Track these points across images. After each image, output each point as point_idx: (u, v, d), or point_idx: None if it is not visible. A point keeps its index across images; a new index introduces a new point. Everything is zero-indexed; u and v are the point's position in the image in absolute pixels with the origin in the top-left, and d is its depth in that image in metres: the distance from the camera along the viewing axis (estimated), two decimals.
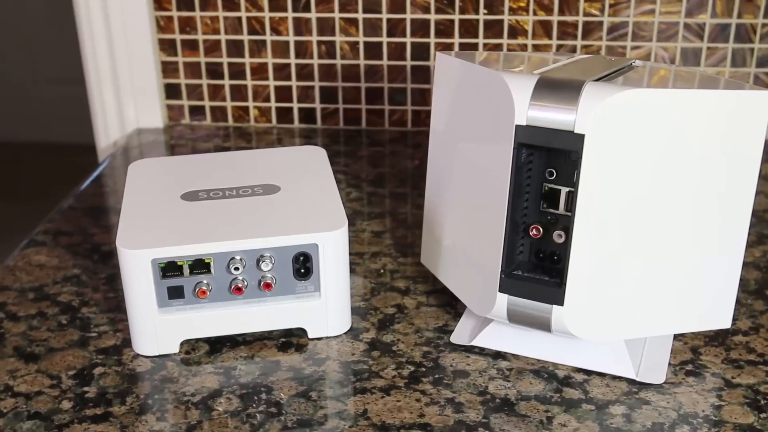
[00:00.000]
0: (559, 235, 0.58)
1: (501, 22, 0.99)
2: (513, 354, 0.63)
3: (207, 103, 1.09)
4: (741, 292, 0.70)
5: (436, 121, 0.67)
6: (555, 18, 0.98)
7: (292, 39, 1.04)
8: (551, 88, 0.55)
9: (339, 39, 1.03)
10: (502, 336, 0.63)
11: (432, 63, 1.02)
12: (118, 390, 0.60)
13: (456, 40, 1.01)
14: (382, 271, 0.75)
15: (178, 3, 1.03)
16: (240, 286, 0.62)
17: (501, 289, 0.59)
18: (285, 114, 1.08)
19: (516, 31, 1.00)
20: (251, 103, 1.08)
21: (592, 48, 0.99)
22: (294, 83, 1.06)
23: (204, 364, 0.62)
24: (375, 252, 0.78)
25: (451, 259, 0.65)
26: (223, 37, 1.05)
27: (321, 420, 0.56)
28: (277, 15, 1.03)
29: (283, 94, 1.07)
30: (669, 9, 0.96)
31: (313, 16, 1.02)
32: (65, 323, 0.68)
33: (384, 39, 1.03)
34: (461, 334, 0.65)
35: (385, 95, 1.06)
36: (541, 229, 0.59)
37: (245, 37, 1.04)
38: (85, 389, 0.60)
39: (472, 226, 0.62)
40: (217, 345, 0.65)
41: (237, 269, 0.61)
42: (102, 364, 0.63)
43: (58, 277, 0.75)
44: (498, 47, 1.01)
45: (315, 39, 1.04)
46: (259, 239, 0.61)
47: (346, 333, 0.66)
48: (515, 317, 0.59)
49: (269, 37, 1.04)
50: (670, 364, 0.61)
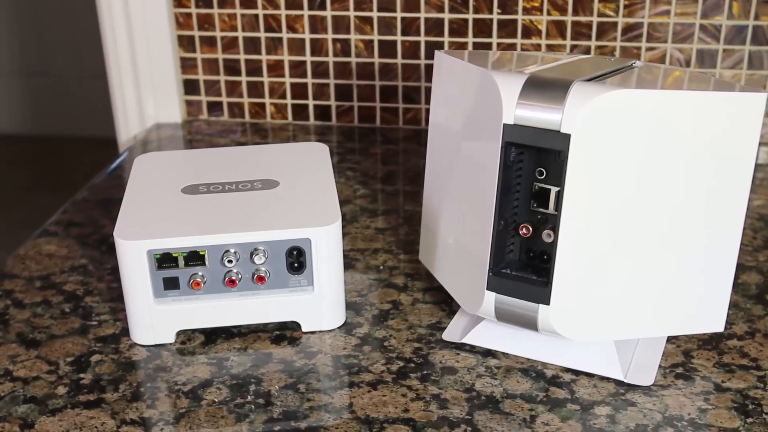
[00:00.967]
0: (548, 235, 0.58)
1: (515, 21, 0.99)
2: (503, 352, 0.63)
3: (224, 99, 1.10)
4: (740, 296, 0.70)
5: (433, 119, 0.67)
6: (569, 18, 0.98)
7: (307, 37, 1.05)
8: (539, 87, 0.55)
9: (354, 37, 1.04)
10: (492, 334, 0.63)
11: None
12: (112, 377, 0.61)
13: (470, 39, 1.01)
14: (381, 268, 0.75)
15: (196, 0, 1.05)
16: (234, 278, 0.63)
17: (489, 287, 0.59)
18: (301, 111, 1.09)
19: (530, 31, 0.99)
20: (267, 100, 1.10)
21: (606, 49, 0.98)
22: (309, 80, 1.07)
23: (198, 354, 0.64)
24: (376, 248, 0.78)
25: (445, 257, 0.66)
26: (241, 34, 1.06)
27: (306, 412, 0.57)
28: (293, 13, 1.04)
29: (299, 91, 1.08)
30: (684, 10, 0.95)
31: (329, 14, 1.03)
32: (68, 311, 0.69)
33: (398, 38, 1.03)
34: (453, 331, 0.66)
35: (399, 93, 1.06)
36: (531, 229, 0.59)
37: (262, 35, 1.06)
38: (81, 376, 0.61)
39: (463, 223, 0.62)
40: (213, 336, 0.66)
41: (231, 262, 0.62)
42: (99, 351, 0.64)
43: (65, 267, 0.76)
44: (512, 47, 1.00)
45: (330, 37, 1.04)
46: (252, 233, 0.62)
47: (339, 327, 0.66)
48: (503, 315, 0.60)
49: (285, 35, 1.05)
50: (660, 366, 0.61)
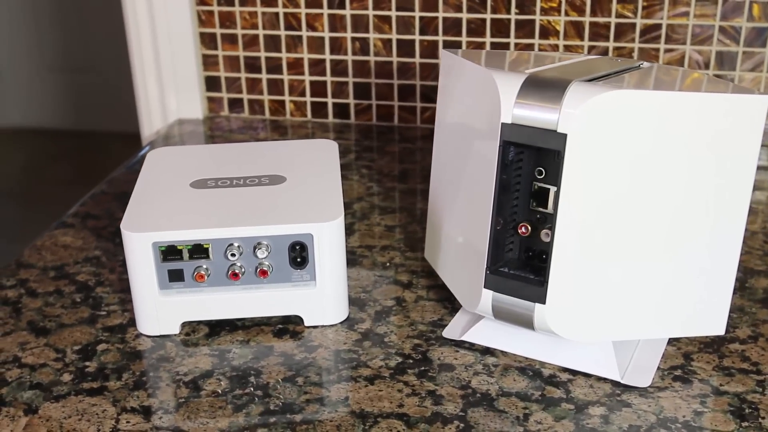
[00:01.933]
0: (547, 234, 0.59)
1: (533, 22, 0.99)
2: (502, 351, 0.63)
3: (245, 96, 1.12)
4: (747, 300, 0.69)
5: (439, 117, 0.68)
6: (587, 19, 0.98)
7: (327, 35, 1.06)
8: (537, 87, 0.55)
9: (372, 36, 1.05)
10: (492, 333, 0.64)
11: None
12: (116, 366, 0.63)
13: (487, 39, 1.01)
14: (388, 265, 0.76)
15: None
16: (237, 272, 0.64)
17: (486, 285, 0.60)
18: (320, 109, 1.10)
19: (547, 32, 0.99)
20: (287, 97, 1.11)
21: (624, 50, 0.98)
22: (329, 78, 1.08)
23: (201, 345, 0.65)
24: (385, 245, 0.79)
25: (447, 254, 0.66)
26: (261, 32, 1.07)
27: (302, 405, 0.58)
28: (313, 11, 1.05)
29: (318, 88, 1.09)
30: (704, 12, 0.95)
31: (348, 13, 1.04)
32: (79, 301, 0.71)
33: (417, 37, 1.04)
34: (454, 328, 0.66)
35: (417, 92, 1.07)
36: (530, 228, 0.59)
37: (282, 33, 1.07)
38: (86, 364, 0.63)
39: (465, 222, 0.63)
40: (217, 328, 0.67)
41: (234, 255, 0.63)
42: (106, 341, 0.66)
43: (79, 258, 0.78)
44: (529, 47, 1.00)
45: (349, 35, 1.05)
46: (255, 227, 0.63)
47: (342, 323, 0.67)
48: (500, 314, 0.60)
49: (305, 33, 1.06)
50: (659, 368, 0.61)
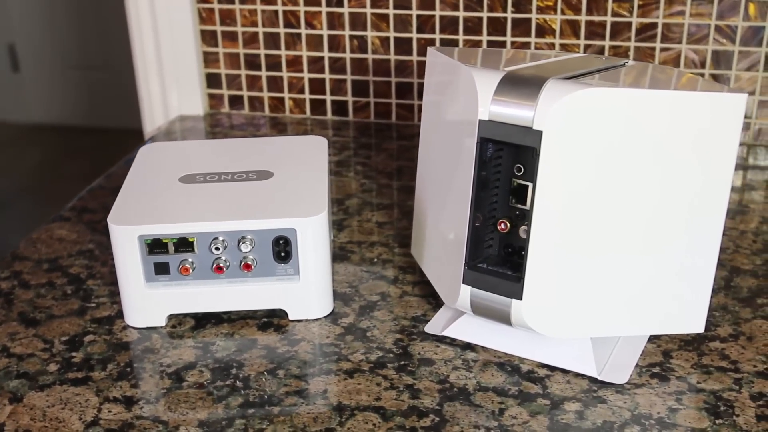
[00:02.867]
0: (525, 230, 0.59)
1: (529, 20, 1.00)
2: (482, 346, 0.64)
3: (245, 93, 1.13)
4: (731, 298, 0.69)
5: (425, 115, 0.68)
6: (583, 18, 0.98)
7: (325, 33, 1.07)
8: (514, 84, 0.56)
9: (370, 34, 1.05)
10: (472, 328, 0.64)
11: None
12: (102, 357, 0.64)
13: (484, 37, 1.02)
14: (375, 260, 0.76)
15: None
16: (221, 265, 0.65)
17: (464, 281, 0.60)
18: (318, 106, 1.11)
19: (544, 30, 1.00)
20: (287, 95, 1.12)
21: (620, 49, 0.98)
22: (327, 76, 1.09)
23: (186, 338, 0.66)
24: (374, 241, 0.80)
25: (431, 250, 0.67)
26: (261, 30, 1.08)
27: (282, 397, 0.59)
28: (312, 9, 1.06)
29: (317, 86, 1.10)
30: (699, 11, 0.95)
31: (346, 11, 1.05)
32: (69, 293, 0.72)
33: (414, 35, 1.04)
34: (436, 324, 0.66)
35: (415, 90, 1.07)
36: (509, 224, 0.60)
37: (281, 30, 1.08)
38: (73, 354, 0.64)
39: (446, 218, 0.63)
40: (203, 321, 0.68)
41: (218, 249, 0.64)
42: (93, 332, 0.67)
43: (73, 251, 0.79)
44: (525, 46, 1.01)
45: (347, 33, 1.06)
46: (239, 221, 0.64)
47: (326, 317, 0.68)
48: (478, 309, 0.60)
49: (304, 31, 1.07)
50: (637, 365, 0.61)
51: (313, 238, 0.65)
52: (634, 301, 0.59)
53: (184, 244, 0.64)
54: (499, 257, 0.61)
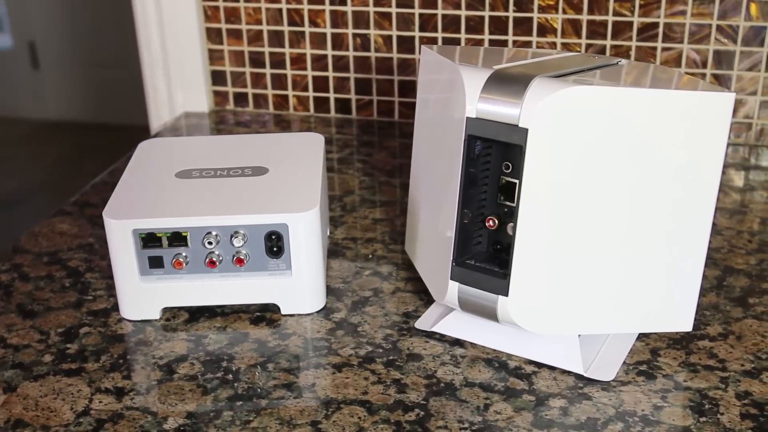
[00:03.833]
0: (513, 227, 0.59)
1: (530, 19, 1.00)
2: (471, 342, 0.64)
3: (249, 90, 1.14)
4: (723, 298, 0.69)
5: (418, 113, 0.69)
6: (584, 17, 0.98)
7: (329, 31, 1.07)
8: (501, 82, 0.56)
9: (373, 32, 1.06)
10: (461, 324, 0.65)
11: None
12: (96, 348, 0.65)
13: (486, 36, 1.02)
14: (370, 257, 0.77)
15: None
16: (214, 259, 0.66)
17: (452, 277, 0.61)
18: (322, 103, 1.12)
19: (545, 30, 1.00)
20: (290, 92, 1.12)
21: (621, 48, 0.98)
22: (331, 74, 1.10)
23: (179, 331, 0.67)
24: (370, 238, 0.80)
25: (422, 247, 0.67)
26: (265, 28, 1.09)
27: (269, 390, 0.59)
28: (316, 7, 1.06)
29: (321, 84, 1.11)
30: (701, 10, 0.94)
31: (349, 9, 1.05)
32: (67, 286, 0.73)
33: (416, 33, 1.05)
34: (426, 320, 0.67)
35: (417, 89, 1.07)
36: (498, 221, 0.60)
37: (285, 28, 1.09)
38: (68, 346, 0.65)
39: (436, 215, 0.64)
40: (197, 315, 0.69)
41: (211, 243, 0.65)
42: (89, 324, 0.68)
43: (73, 245, 0.80)
44: (527, 45, 1.01)
45: (351, 31, 1.07)
46: (231, 216, 0.64)
47: (318, 312, 0.69)
48: (466, 306, 0.61)
49: (308, 29, 1.08)
50: (624, 363, 0.62)
51: (305, 233, 0.65)
52: (621, 299, 0.59)
53: (177, 238, 0.65)
54: (488, 254, 0.62)
